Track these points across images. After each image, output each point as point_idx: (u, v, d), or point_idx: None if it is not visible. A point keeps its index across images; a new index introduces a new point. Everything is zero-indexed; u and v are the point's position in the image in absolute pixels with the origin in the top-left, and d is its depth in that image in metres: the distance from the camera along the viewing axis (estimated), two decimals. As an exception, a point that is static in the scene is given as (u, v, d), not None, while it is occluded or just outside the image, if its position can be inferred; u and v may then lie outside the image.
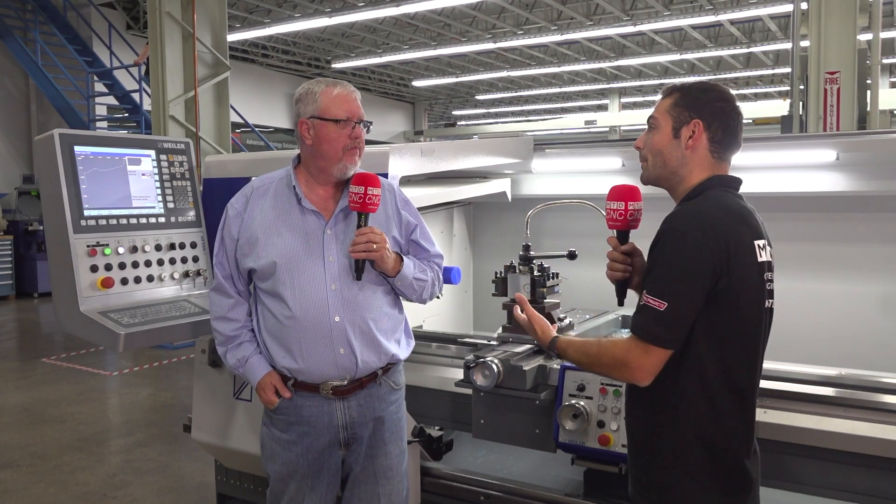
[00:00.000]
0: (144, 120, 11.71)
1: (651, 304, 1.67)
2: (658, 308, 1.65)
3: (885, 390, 2.31)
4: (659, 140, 1.86)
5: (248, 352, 2.32)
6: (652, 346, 1.68)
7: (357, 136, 2.26)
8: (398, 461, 2.39)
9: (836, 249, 3.24)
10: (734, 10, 13.06)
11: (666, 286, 1.67)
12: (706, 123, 1.80)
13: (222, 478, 3.34)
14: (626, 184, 1.98)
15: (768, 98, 22.62)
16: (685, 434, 1.74)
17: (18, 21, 13.09)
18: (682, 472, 1.75)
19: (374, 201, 2.19)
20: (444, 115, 29.09)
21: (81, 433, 5.48)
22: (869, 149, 2.98)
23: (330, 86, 2.28)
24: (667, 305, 1.65)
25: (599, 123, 22.88)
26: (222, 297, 2.35)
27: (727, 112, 1.81)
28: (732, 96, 1.85)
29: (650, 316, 1.67)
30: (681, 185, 1.85)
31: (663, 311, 1.65)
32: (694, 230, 1.67)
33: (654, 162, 1.87)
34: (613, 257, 1.98)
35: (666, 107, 1.86)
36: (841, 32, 6.72)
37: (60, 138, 2.64)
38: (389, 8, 12.30)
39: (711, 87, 1.84)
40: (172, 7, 8.64)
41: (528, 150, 3.49)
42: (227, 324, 2.34)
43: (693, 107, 1.81)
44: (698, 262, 1.65)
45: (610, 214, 1.98)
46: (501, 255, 3.07)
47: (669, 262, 1.68)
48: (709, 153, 1.82)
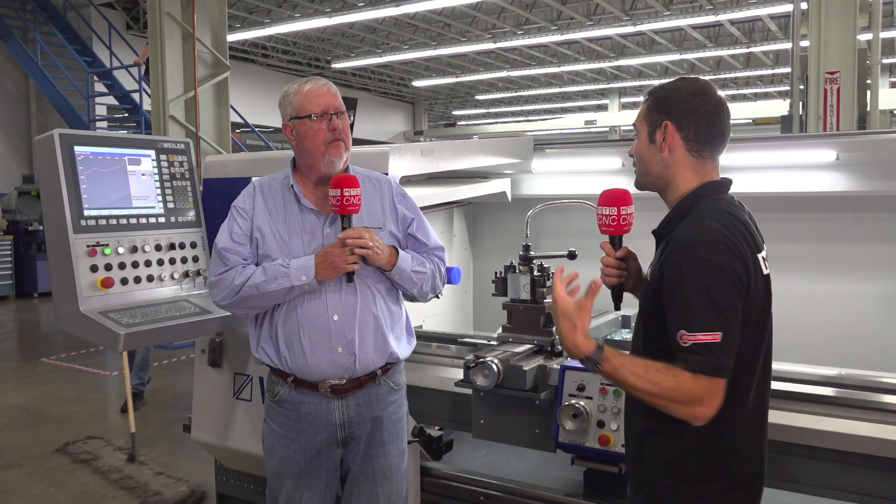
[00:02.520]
0: (144, 120, 11.70)
1: (704, 341, 1.59)
2: (714, 340, 1.58)
3: (885, 390, 2.31)
4: (639, 147, 1.84)
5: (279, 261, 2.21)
6: (717, 379, 1.60)
7: (336, 128, 2.25)
8: (397, 461, 2.39)
9: (836, 249, 3.24)
10: (734, 10, 13.05)
11: (711, 316, 1.60)
12: (676, 123, 1.75)
13: (222, 478, 3.35)
14: (616, 188, 1.93)
15: (768, 98, 22.59)
16: (685, 442, 1.72)
17: (18, 21, 13.09)
18: (680, 480, 1.73)
19: (353, 202, 2.17)
20: (444, 115, 29.09)
21: (81, 433, 5.47)
22: (869, 149, 2.98)
23: (302, 84, 2.29)
24: (721, 335, 1.58)
25: (599, 123, 22.87)
26: (234, 260, 2.25)
27: (697, 107, 1.74)
28: (707, 88, 1.77)
29: (709, 350, 1.59)
30: (669, 190, 1.81)
31: (720, 343, 1.58)
32: (716, 253, 1.62)
33: (640, 169, 1.86)
34: (608, 263, 1.95)
35: (643, 112, 1.83)
36: (841, 32, 6.71)
37: (60, 138, 2.64)
38: (389, 8, 12.30)
39: (682, 84, 1.78)
40: (172, 7, 8.64)
41: (528, 150, 3.50)
42: (248, 268, 2.24)
43: (662, 108, 1.78)
44: (731, 282, 1.61)
45: (602, 220, 1.93)
46: (501, 255, 3.07)
47: (705, 292, 1.60)
48: (687, 153, 1.77)
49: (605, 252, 1.96)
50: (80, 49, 13.09)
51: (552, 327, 2.67)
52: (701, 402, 1.60)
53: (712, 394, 1.60)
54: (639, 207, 1.96)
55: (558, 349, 2.63)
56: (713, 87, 1.79)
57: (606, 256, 1.95)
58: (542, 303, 2.70)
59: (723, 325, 1.59)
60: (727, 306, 1.61)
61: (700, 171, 1.78)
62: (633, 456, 1.87)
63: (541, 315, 2.70)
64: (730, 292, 1.61)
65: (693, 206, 1.74)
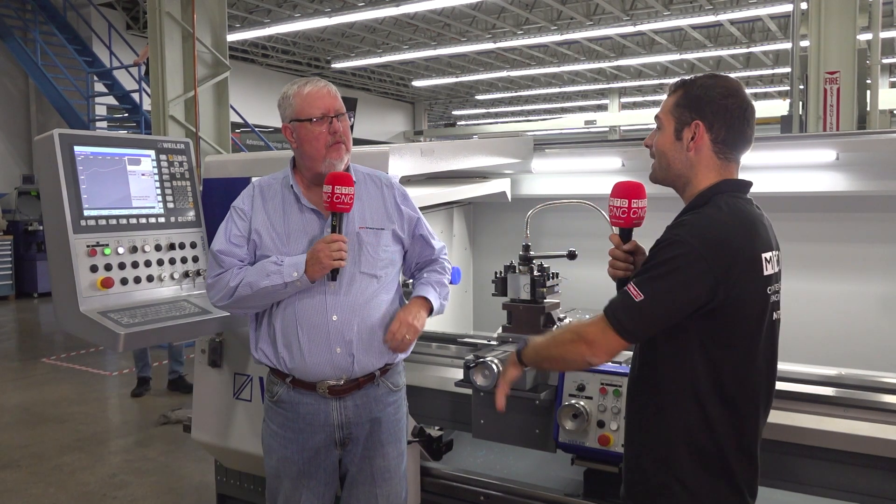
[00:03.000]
0: (144, 120, 11.71)
1: (629, 292, 1.65)
2: (634, 297, 1.64)
3: (885, 390, 2.31)
4: (662, 142, 1.81)
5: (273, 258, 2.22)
6: (611, 329, 1.67)
7: (336, 131, 2.24)
8: (396, 463, 2.39)
9: (836, 249, 3.24)
10: (734, 10, 13.06)
11: (650, 282, 1.65)
12: (707, 124, 1.73)
13: (222, 478, 3.34)
14: (631, 181, 1.91)
15: (768, 98, 22.60)
16: (675, 439, 1.72)
17: (18, 21, 13.10)
18: (672, 477, 1.73)
19: (344, 200, 2.15)
20: (444, 115, 29.09)
21: (81, 433, 5.48)
22: (869, 149, 2.98)
23: (301, 86, 2.28)
24: (642, 298, 1.63)
25: (599, 123, 22.88)
26: (229, 263, 2.26)
27: (730, 109, 1.73)
28: (739, 90, 1.75)
29: (623, 303, 1.67)
30: (688, 188, 1.80)
31: (637, 302, 1.63)
32: (697, 241, 1.63)
33: (660, 164, 1.84)
34: (615, 255, 1.93)
35: (670, 106, 1.80)
36: (841, 32, 6.71)
37: (60, 138, 2.64)
38: (389, 8, 12.30)
39: (716, 83, 1.75)
40: (172, 7, 8.64)
41: (528, 150, 3.49)
42: (244, 269, 2.24)
43: (694, 106, 1.74)
44: (693, 272, 1.62)
45: (613, 212, 1.90)
46: (501, 255, 3.07)
47: (664, 264, 1.64)
48: (713, 154, 1.75)
49: (614, 244, 1.94)
50: (80, 49, 13.10)
51: (552, 327, 2.68)
52: (583, 337, 1.72)
53: (596, 333, 1.70)
54: (652, 206, 1.91)
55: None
56: (744, 88, 1.78)
57: (614, 248, 1.94)
58: (542, 303, 2.70)
59: (651, 294, 1.64)
60: (671, 286, 1.63)
61: (723, 172, 1.77)
62: (626, 456, 1.88)
63: (540, 315, 2.70)
64: (685, 279, 1.63)
65: (709, 200, 1.74)
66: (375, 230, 2.30)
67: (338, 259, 2.14)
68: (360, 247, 2.27)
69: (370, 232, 2.29)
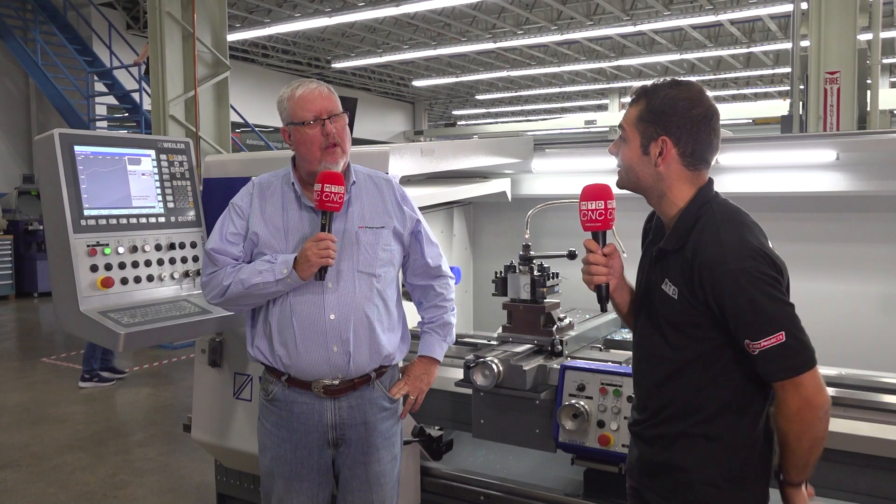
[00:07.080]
0: (144, 120, 11.70)
1: (770, 345, 1.58)
2: (780, 341, 1.57)
3: (885, 390, 2.32)
4: (630, 156, 1.77)
5: (267, 256, 2.24)
6: (803, 376, 1.60)
7: (329, 133, 2.23)
8: (390, 467, 2.37)
9: (836, 249, 3.23)
10: (734, 10, 13.06)
11: (767, 320, 1.59)
12: (675, 139, 1.70)
13: (222, 478, 3.35)
14: (597, 183, 1.85)
15: (768, 98, 22.59)
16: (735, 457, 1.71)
17: (18, 21, 13.08)
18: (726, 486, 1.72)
19: (333, 199, 2.14)
20: (444, 114, 29.09)
21: (81, 433, 5.48)
22: (869, 149, 2.98)
23: (294, 89, 2.28)
24: (784, 332, 1.58)
25: (599, 123, 22.83)
26: (223, 261, 2.27)
27: (696, 121, 1.69)
28: (703, 97, 1.71)
29: (780, 353, 1.58)
30: (664, 201, 1.77)
31: (786, 341, 1.57)
32: (762, 262, 1.62)
33: (628, 176, 1.80)
34: (596, 260, 1.84)
35: (633, 118, 1.75)
36: (841, 32, 6.71)
37: (60, 138, 2.64)
38: (389, 8, 12.30)
39: (679, 93, 1.70)
40: (172, 7, 8.64)
41: (528, 150, 3.49)
42: (238, 267, 2.25)
43: (659, 121, 1.70)
44: (780, 284, 1.63)
45: (587, 216, 1.84)
46: (501, 255, 3.07)
47: (762, 300, 1.59)
48: (683, 168, 1.73)
49: (591, 249, 1.86)
50: (80, 49, 13.08)
51: (552, 327, 2.67)
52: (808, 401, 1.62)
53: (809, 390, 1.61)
54: (627, 207, 1.90)
55: (558, 349, 2.63)
56: (705, 91, 1.75)
57: (594, 254, 1.85)
58: (542, 303, 2.70)
59: (783, 323, 1.59)
60: (781, 303, 1.61)
61: (696, 181, 1.75)
62: (663, 462, 1.79)
63: (540, 315, 2.69)
64: (780, 290, 1.62)
65: (698, 214, 1.71)
66: (375, 229, 2.30)
67: (325, 258, 2.14)
68: (358, 246, 2.27)
69: (370, 231, 2.29)
